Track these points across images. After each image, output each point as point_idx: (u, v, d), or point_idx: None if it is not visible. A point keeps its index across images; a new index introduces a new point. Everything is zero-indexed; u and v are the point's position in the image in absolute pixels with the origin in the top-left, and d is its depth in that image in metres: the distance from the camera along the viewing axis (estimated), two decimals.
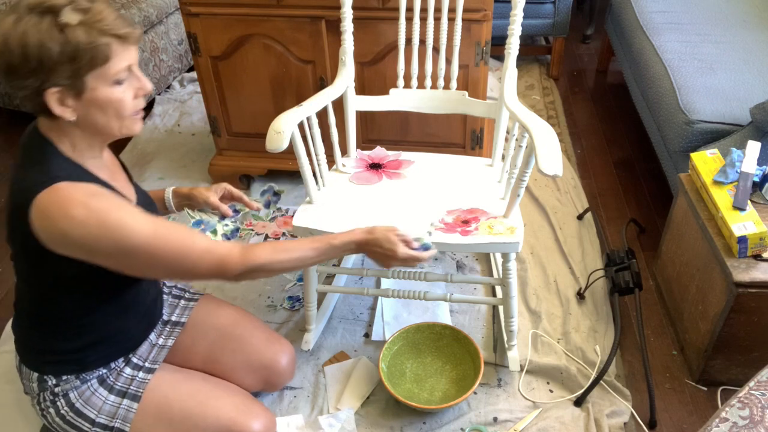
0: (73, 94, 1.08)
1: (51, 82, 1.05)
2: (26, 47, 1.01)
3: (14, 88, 1.06)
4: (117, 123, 1.15)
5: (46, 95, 1.06)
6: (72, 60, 1.04)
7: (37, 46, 1.01)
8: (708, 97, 1.98)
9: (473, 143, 2.23)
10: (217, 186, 1.55)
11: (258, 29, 2.08)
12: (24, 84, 1.05)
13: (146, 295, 1.42)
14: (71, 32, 1.03)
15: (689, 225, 1.78)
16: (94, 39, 1.04)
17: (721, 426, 1.14)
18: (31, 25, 1.02)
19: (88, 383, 1.34)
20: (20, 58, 1.02)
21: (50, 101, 1.07)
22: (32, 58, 1.02)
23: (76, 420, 1.33)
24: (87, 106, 1.11)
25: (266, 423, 1.45)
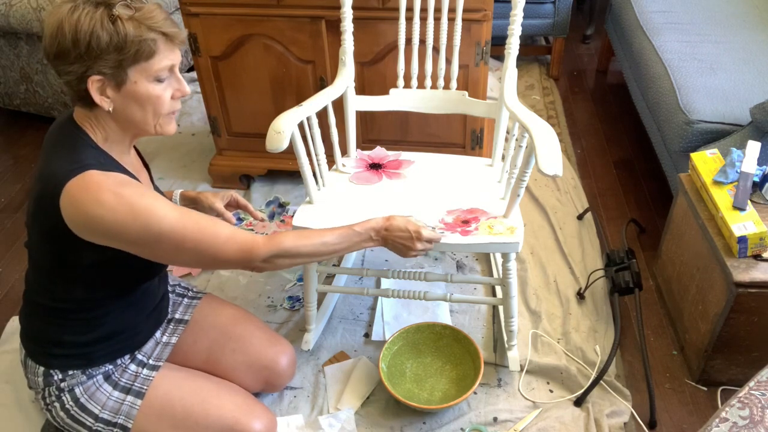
0: (114, 85, 1.13)
1: (95, 70, 1.10)
2: (78, 33, 1.07)
3: (60, 72, 1.12)
4: (153, 120, 1.20)
5: (89, 82, 1.11)
6: (119, 50, 1.09)
7: (88, 32, 1.07)
8: (708, 97, 1.98)
9: (473, 143, 2.23)
10: (224, 193, 1.59)
11: (258, 29, 2.08)
12: (69, 69, 1.10)
13: (156, 292, 1.43)
14: (122, 24, 1.09)
15: (689, 225, 1.78)
16: (141, 33, 1.10)
17: (721, 426, 1.14)
18: (85, 13, 1.08)
19: (94, 378, 1.35)
20: (71, 42, 1.07)
21: (92, 89, 1.11)
22: (81, 44, 1.07)
23: (80, 415, 1.33)
24: (126, 99, 1.15)
25: (267, 423, 1.45)
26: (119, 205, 1.11)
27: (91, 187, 1.11)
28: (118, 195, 1.12)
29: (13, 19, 2.57)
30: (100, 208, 1.10)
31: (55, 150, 1.18)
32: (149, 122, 1.20)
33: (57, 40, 1.08)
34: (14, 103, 2.94)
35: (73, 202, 1.11)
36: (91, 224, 1.12)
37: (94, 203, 1.11)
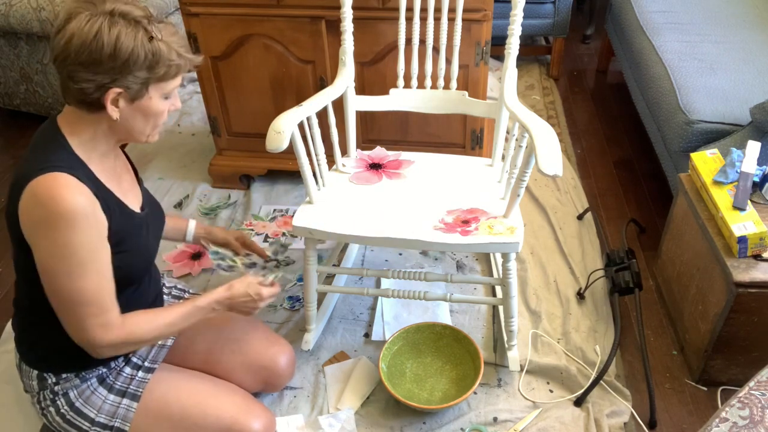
0: (130, 98, 1.15)
1: (121, 84, 1.12)
2: (118, 48, 1.09)
3: (78, 79, 1.10)
4: (148, 131, 1.23)
5: (109, 93, 1.12)
6: (150, 68, 1.13)
7: (128, 49, 1.09)
8: (708, 97, 1.98)
9: (473, 143, 2.23)
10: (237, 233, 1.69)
11: (258, 29, 2.08)
12: (92, 78, 1.10)
13: (146, 294, 1.41)
14: (157, 45, 1.12)
15: (689, 225, 1.78)
16: (172, 57, 1.15)
17: (721, 426, 1.13)
18: (125, 30, 1.09)
19: (88, 382, 1.34)
20: (108, 56, 1.09)
21: (108, 98, 1.12)
22: (120, 59, 1.09)
23: (76, 419, 1.33)
24: (135, 111, 1.17)
25: (266, 422, 1.45)
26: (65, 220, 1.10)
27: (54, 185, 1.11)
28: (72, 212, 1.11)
29: (13, 19, 2.57)
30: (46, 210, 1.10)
31: (31, 150, 1.19)
32: (145, 133, 1.23)
33: (89, 50, 1.08)
34: (14, 103, 2.94)
35: (31, 197, 1.11)
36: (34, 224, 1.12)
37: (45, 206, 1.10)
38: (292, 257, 2.18)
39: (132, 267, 1.29)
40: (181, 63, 1.17)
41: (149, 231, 1.35)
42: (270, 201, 2.45)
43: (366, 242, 1.55)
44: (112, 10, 1.10)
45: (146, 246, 1.34)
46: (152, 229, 1.37)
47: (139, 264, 1.32)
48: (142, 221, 1.32)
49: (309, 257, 1.66)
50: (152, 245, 1.38)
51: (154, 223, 1.40)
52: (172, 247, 2.23)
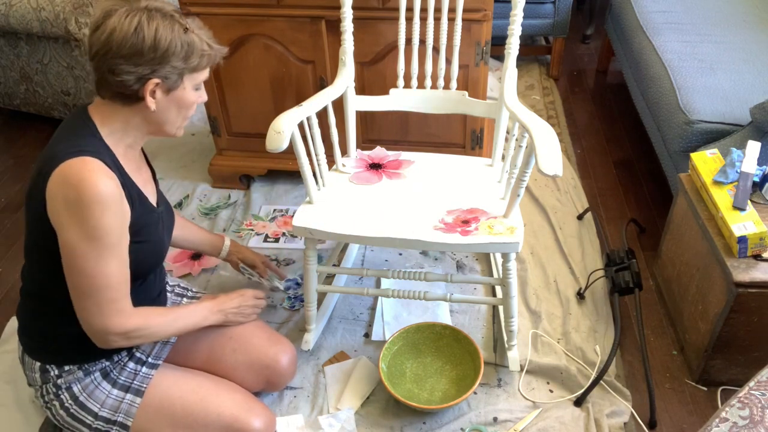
0: (166, 89, 1.20)
1: (160, 74, 1.17)
2: (158, 39, 1.15)
3: (120, 71, 1.15)
4: (179, 122, 1.28)
5: (148, 84, 1.17)
6: (186, 59, 1.19)
7: (168, 39, 1.16)
8: (708, 97, 1.98)
9: (473, 143, 2.23)
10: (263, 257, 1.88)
11: (258, 29, 2.08)
12: (134, 69, 1.15)
13: (152, 288, 1.43)
14: (192, 36, 1.19)
15: (689, 225, 1.78)
16: (204, 47, 1.22)
17: (721, 426, 1.14)
18: (163, 22, 1.16)
19: (92, 376, 1.35)
20: (150, 47, 1.14)
21: (147, 89, 1.17)
22: (159, 49, 1.15)
23: (80, 413, 1.34)
24: (170, 102, 1.23)
25: (266, 421, 1.46)
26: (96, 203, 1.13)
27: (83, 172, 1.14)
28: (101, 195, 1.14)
29: (13, 19, 2.57)
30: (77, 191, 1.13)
31: (61, 135, 1.22)
32: (176, 124, 1.28)
33: (131, 42, 1.13)
34: (14, 103, 2.94)
35: (61, 180, 1.14)
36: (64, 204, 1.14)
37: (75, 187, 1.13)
38: (292, 257, 2.18)
39: (145, 260, 1.31)
40: (211, 53, 1.23)
41: (164, 226, 1.39)
42: (270, 201, 2.45)
43: (366, 242, 1.55)
44: (147, 5, 1.16)
45: (161, 240, 1.37)
46: (166, 224, 1.41)
47: (151, 257, 1.35)
48: (159, 216, 1.35)
49: (309, 257, 1.66)
50: (165, 240, 1.41)
51: (167, 222, 1.43)
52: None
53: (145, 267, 1.33)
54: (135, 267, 1.27)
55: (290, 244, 2.23)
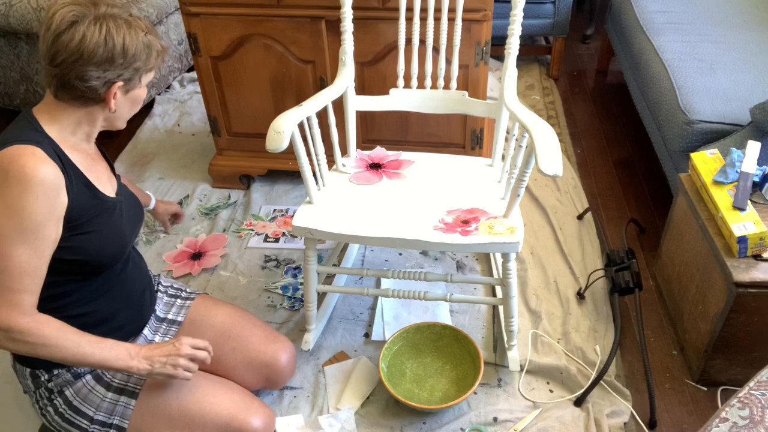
0: (126, 89, 1.24)
1: (124, 77, 1.21)
2: (127, 45, 1.18)
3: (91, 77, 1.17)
4: (129, 116, 1.32)
5: (114, 87, 1.20)
6: (146, 60, 1.23)
7: (134, 45, 1.20)
8: (708, 97, 1.98)
9: (473, 143, 2.24)
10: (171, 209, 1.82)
11: (258, 29, 2.08)
12: (104, 75, 1.18)
13: (130, 284, 1.40)
14: (150, 38, 1.24)
15: (689, 225, 1.78)
16: (158, 46, 1.26)
17: (721, 426, 1.14)
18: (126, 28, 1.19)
19: (83, 379, 1.34)
20: (120, 53, 1.18)
21: (112, 92, 1.21)
22: (129, 55, 1.19)
23: (75, 418, 1.33)
24: (127, 100, 1.27)
25: (266, 419, 1.45)
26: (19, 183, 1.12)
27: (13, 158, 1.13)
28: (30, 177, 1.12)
29: (13, 19, 2.57)
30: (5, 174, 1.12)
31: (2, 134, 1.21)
32: (126, 118, 1.31)
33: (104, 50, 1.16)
34: (14, 103, 2.94)
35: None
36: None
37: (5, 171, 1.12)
38: (292, 257, 2.18)
39: (102, 249, 1.27)
40: (164, 52, 1.29)
41: (122, 214, 1.34)
42: (270, 201, 2.45)
43: (366, 242, 1.55)
44: (107, 12, 1.19)
45: (118, 230, 1.32)
46: (127, 213, 1.37)
47: (109, 247, 1.30)
48: (116, 204, 1.32)
49: (309, 257, 1.66)
50: (126, 231, 1.36)
51: (130, 211, 1.39)
52: (172, 247, 2.23)
53: (103, 258, 1.29)
54: (94, 257, 1.25)
55: (290, 244, 2.23)
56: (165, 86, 3.20)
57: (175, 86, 3.27)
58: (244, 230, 2.30)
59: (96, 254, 1.26)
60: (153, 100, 3.13)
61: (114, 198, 1.33)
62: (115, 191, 1.36)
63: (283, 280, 2.07)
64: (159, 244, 2.25)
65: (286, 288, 2.04)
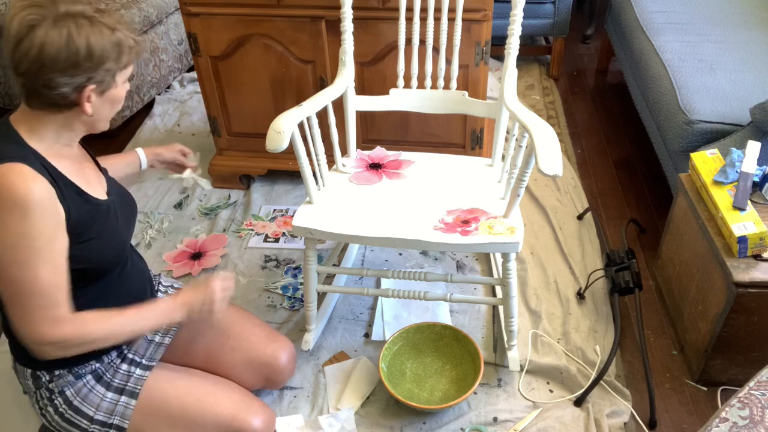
0: (101, 91, 1.17)
1: (95, 79, 1.14)
2: (92, 46, 1.11)
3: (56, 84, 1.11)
4: (110, 116, 1.25)
5: (86, 91, 1.14)
6: (117, 59, 1.15)
7: (100, 45, 1.12)
8: (708, 97, 1.98)
9: (473, 143, 2.24)
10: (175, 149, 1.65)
11: (258, 29, 2.08)
12: (71, 80, 1.11)
13: (130, 282, 1.40)
14: (118, 34, 1.15)
15: (689, 225, 1.78)
16: (130, 42, 1.18)
17: (721, 426, 1.14)
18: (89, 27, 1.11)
19: (83, 379, 1.34)
20: (85, 56, 1.10)
21: (84, 96, 1.14)
22: (95, 56, 1.12)
23: (75, 417, 1.33)
24: (104, 102, 1.19)
25: (266, 419, 1.45)
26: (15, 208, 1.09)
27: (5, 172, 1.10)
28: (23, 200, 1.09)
29: None
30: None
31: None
32: (109, 120, 1.25)
33: (66, 55, 1.09)
34: (14, 103, 2.94)
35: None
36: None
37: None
38: (292, 257, 2.18)
39: (102, 255, 1.27)
40: (136, 46, 1.20)
41: (116, 215, 1.33)
42: (270, 201, 2.45)
43: (366, 242, 1.55)
44: (68, 11, 1.10)
45: (114, 231, 1.31)
46: (120, 212, 1.36)
47: (108, 250, 1.30)
48: (109, 206, 1.31)
49: (309, 257, 1.66)
50: (122, 230, 1.36)
51: (123, 209, 1.38)
52: (172, 247, 2.23)
53: (107, 260, 1.29)
54: (96, 263, 1.25)
55: (290, 244, 2.23)
56: (165, 86, 3.20)
57: (175, 86, 3.27)
58: (244, 230, 2.30)
59: (97, 260, 1.26)
60: (153, 100, 3.13)
61: (106, 200, 1.31)
62: (106, 191, 1.34)
63: (283, 280, 2.07)
64: (159, 245, 2.25)
65: (286, 288, 2.04)
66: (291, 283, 2.06)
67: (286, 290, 2.04)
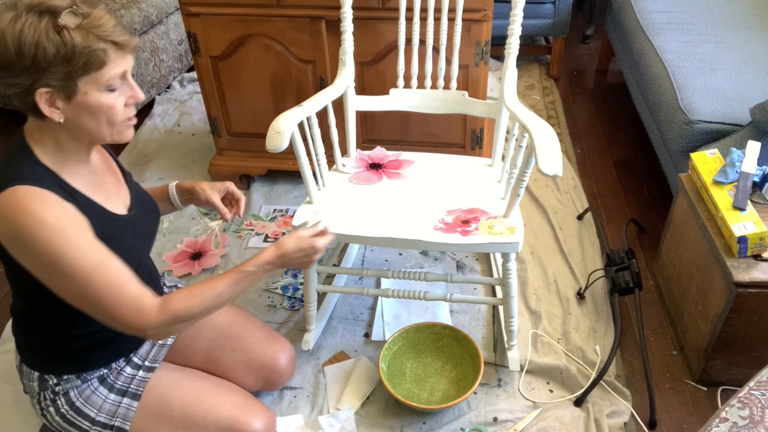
0: (64, 97, 1.07)
1: (42, 83, 1.04)
2: (22, 45, 1.01)
3: (6, 85, 1.06)
4: (108, 129, 1.14)
5: (36, 95, 1.05)
6: (66, 62, 1.03)
7: (32, 44, 1.01)
8: (708, 97, 1.98)
9: (473, 143, 2.24)
10: (220, 184, 1.53)
11: (258, 29, 2.08)
12: (15, 81, 1.04)
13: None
14: (68, 34, 1.03)
15: (689, 225, 1.78)
16: (90, 43, 1.04)
17: (721, 426, 1.13)
18: (28, 23, 1.01)
19: (89, 382, 1.34)
20: (15, 55, 1.02)
21: (39, 101, 1.06)
22: (27, 57, 1.02)
23: (76, 419, 1.33)
24: (77, 110, 1.10)
25: (267, 422, 1.45)
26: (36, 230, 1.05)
27: (14, 204, 1.06)
28: (40, 220, 1.06)
29: None
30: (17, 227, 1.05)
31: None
32: (104, 132, 1.14)
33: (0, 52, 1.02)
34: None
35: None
36: (9, 242, 1.08)
37: (11, 221, 1.06)
38: None
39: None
40: (106, 48, 1.06)
41: (136, 231, 1.30)
42: (270, 201, 2.45)
43: (366, 242, 1.55)
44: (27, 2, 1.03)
45: (131, 248, 1.28)
46: (140, 228, 1.33)
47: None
48: (128, 223, 1.28)
49: None
50: (140, 245, 1.34)
51: (144, 220, 1.35)
52: (172, 247, 2.23)
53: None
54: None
55: None
56: (165, 86, 3.20)
57: (175, 86, 3.27)
58: (244, 230, 2.30)
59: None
60: (153, 100, 3.13)
61: (125, 215, 1.27)
62: (128, 203, 1.31)
63: (283, 280, 2.07)
64: (159, 245, 2.25)
65: (286, 288, 2.04)
66: (291, 283, 2.06)
67: (286, 290, 2.04)
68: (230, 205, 1.54)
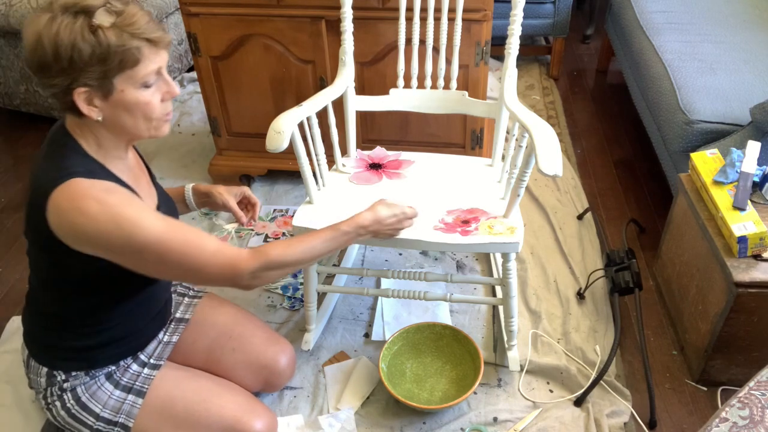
0: (101, 95, 1.10)
1: (80, 82, 1.07)
2: (58, 46, 1.03)
3: (44, 85, 1.09)
4: (145, 125, 1.17)
5: (75, 94, 1.08)
6: (102, 62, 1.06)
7: (69, 46, 1.03)
8: (708, 97, 1.98)
9: (473, 143, 2.24)
10: (237, 189, 1.57)
11: (258, 29, 2.08)
12: (53, 82, 1.07)
13: (160, 298, 1.42)
14: (103, 34, 1.05)
15: (689, 225, 1.78)
16: (125, 42, 1.06)
17: (721, 426, 1.14)
18: (64, 25, 1.04)
19: (96, 378, 1.35)
20: (52, 56, 1.04)
21: (78, 100, 1.09)
22: (63, 58, 1.04)
23: (81, 414, 1.34)
24: (114, 107, 1.12)
25: (269, 422, 1.45)
26: (102, 213, 1.08)
27: (75, 195, 1.09)
28: (103, 203, 1.09)
29: (13, 19, 2.57)
30: (82, 216, 1.08)
31: (44, 158, 1.16)
32: (141, 128, 1.17)
33: (37, 54, 1.05)
34: (14, 103, 2.94)
35: (58, 211, 1.09)
36: (75, 233, 1.10)
37: (77, 212, 1.08)
38: None
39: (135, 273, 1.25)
40: (140, 46, 1.08)
41: None
42: (270, 201, 2.45)
43: (366, 242, 1.55)
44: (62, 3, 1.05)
45: None
46: None
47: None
48: None
49: None
50: None
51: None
52: None
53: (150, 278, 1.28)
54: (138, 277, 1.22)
55: None
56: None
57: None
58: (244, 230, 2.30)
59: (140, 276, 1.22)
60: None
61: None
62: (155, 205, 1.34)
63: (283, 280, 2.07)
64: None
65: (286, 288, 2.04)
66: (291, 283, 2.06)
67: (286, 290, 2.04)
68: (245, 209, 1.59)
